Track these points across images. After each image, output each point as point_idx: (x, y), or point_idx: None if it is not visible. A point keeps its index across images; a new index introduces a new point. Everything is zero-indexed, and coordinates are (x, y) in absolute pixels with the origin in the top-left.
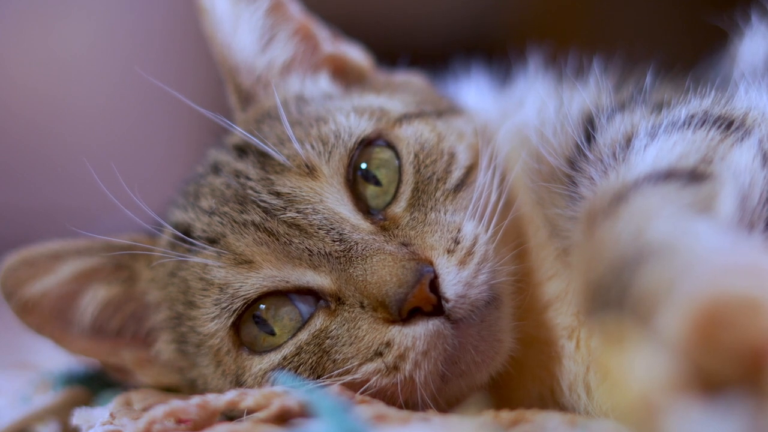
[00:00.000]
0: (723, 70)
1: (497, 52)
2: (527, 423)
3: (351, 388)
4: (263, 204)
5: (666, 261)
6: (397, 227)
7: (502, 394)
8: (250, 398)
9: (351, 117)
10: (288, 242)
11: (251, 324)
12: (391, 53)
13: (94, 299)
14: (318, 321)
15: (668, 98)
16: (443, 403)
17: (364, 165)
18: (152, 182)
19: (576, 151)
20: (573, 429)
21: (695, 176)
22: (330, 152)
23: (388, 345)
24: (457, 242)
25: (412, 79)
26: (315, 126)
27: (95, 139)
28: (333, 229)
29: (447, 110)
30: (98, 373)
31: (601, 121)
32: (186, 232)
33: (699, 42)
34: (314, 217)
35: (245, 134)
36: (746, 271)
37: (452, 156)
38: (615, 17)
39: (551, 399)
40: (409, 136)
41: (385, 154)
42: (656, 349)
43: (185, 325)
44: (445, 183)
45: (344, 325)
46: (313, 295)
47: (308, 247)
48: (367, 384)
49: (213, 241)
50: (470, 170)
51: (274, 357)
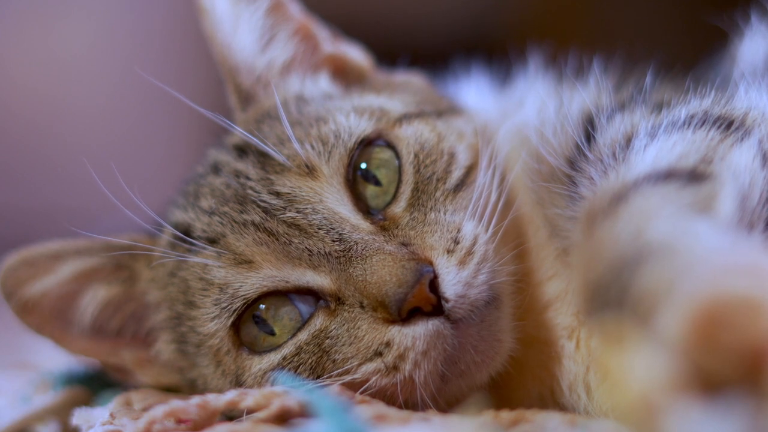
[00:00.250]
0: (723, 70)
1: (497, 52)
2: (527, 423)
3: (351, 388)
4: (263, 204)
5: (666, 261)
6: (397, 227)
7: (502, 394)
8: (250, 398)
9: (351, 117)
10: (288, 242)
11: (251, 324)
12: (391, 53)
13: (94, 299)
14: (318, 321)
15: (668, 98)
16: (443, 403)
17: (364, 165)
18: (152, 182)
19: (576, 151)
20: (573, 429)
21: (695, 176)
22: (330, 152)
23: (388, 345)
24: (457, 242)
25: (412, 79)
26: (315, 126)
27: (95, 139)
28: (333, 229)
29: (447, 110)
30: (98, 373)
31: (601, 121)
32: (186, 232)
33: (699, 42)
34: (314, 217)
35: (245, 134)
36: (746, 271)
37: (452, 156)
38: (615, 17)
39: (551, 399)
40: (409, 136)
41: (385, 154)
42: (656, 349)
43: (185, 325)
44: (445, 183)
45: (344, 325)
46: (313, 295)
47: (308, 247)
48: (367, 384)
49: (213, 241)
50: (470, 170)
51: (274, 357)
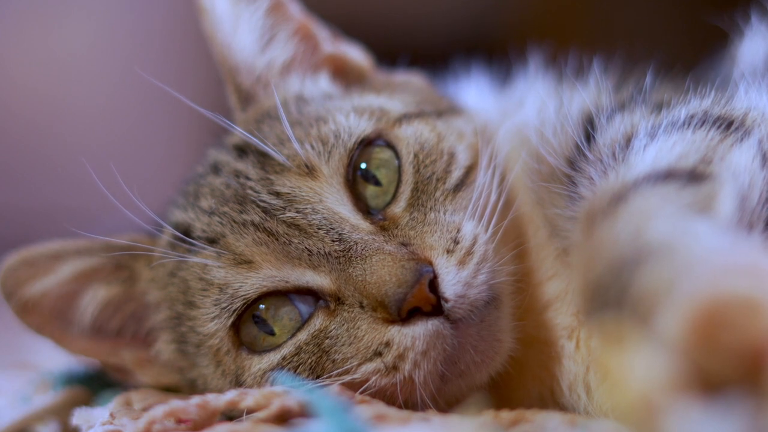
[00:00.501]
0: (723, 71)
1: (497, 52)
2: (527, 423)
3: (350, 388)
4: (263, 204)
5: (665, 261)
6: (397, 227)
7: (502, 394)
8: (250, 398)
9: (351, 117)
10: (287, 242)
11: (251, 324)
12: (391, 53)
13: (94, 299)
14: (317, 321)
15: (668, 98)
16: (443, 403)
17: (364, 165)
18: (152, 182)
19: (576, 151)
20: (573, 429)
21: (695, 176)
22: (330, 152)
23: (388, 345)
24: (457, 242)
25: (412, 79)
26: (315, 126)
27: (95, 139)
28: (332, 229)
29: (447, 110)
30: (98, 373)
31: (601, 121)
32: (186, 233)
33: (699, 42)
34: (313, 217)
35: (245, 134)
36: (746, 271)
37: (452, 156)
38: (615, 17)
39: (551, 399)
40: (409, 136)
41: (385, 154)
42: (656, 349)
43: (185, 325)
44: (445, 183)
45: (343, 325)
46: (313, 295)
47: (308, 247)
48: (367, 384)
49: (213, 241)
50: (470, 170)
51: (274, 357)
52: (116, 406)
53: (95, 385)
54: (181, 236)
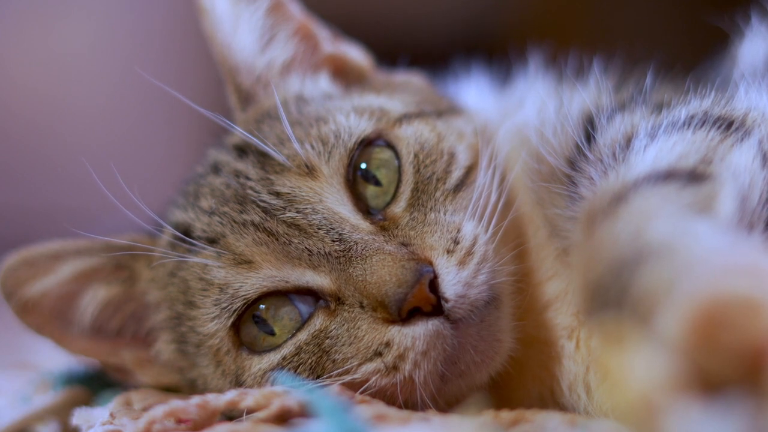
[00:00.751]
0: (723, 71)
1: (497, 52)
2: (527, 423)
3: (351, 388)
4: (263, 204)
5: (665, 261)
6: (397, 227)
7: (502, 394)
8: (250, 398)
9: (351, 117)
10: (287, 242)
11: (251, 324)
12: (391, 53)
13: (94, 299)
14: (317, 321)
15: (668, 99)
16: (443, 403)
17: (364, 165)
18: (152, 182)
19: (576, 151)
20: (573, 429)
21: (695, 177)
22: (330, 152)
23: (388, 345)
24: (457, 242)
25: (412, 79)
26: (315, 126)
27: (95, 139)
28: (332, 229)
29: (447, 110)
30: (98, 373)
31: (601, 122)
32: (186, 233)
33: (699, 42)
34: (314, 217)
35: (245, 134)
36: (746, 272)
37: (452, 156)
38: (615, 17)
39: (551, 399)
40: (409, 136)
41: (385, 154)
42: (656, 349)
43: (185, 325)
44: (445, 183)
45: (344, 325)
46: (313, 295)
47: (308, 247)
48: (367, 384)
49: (213, 241)
50: (470, 170)
51: (274, 357)
52: (116, 406)
53: (95, 385)
54: (181, 236)
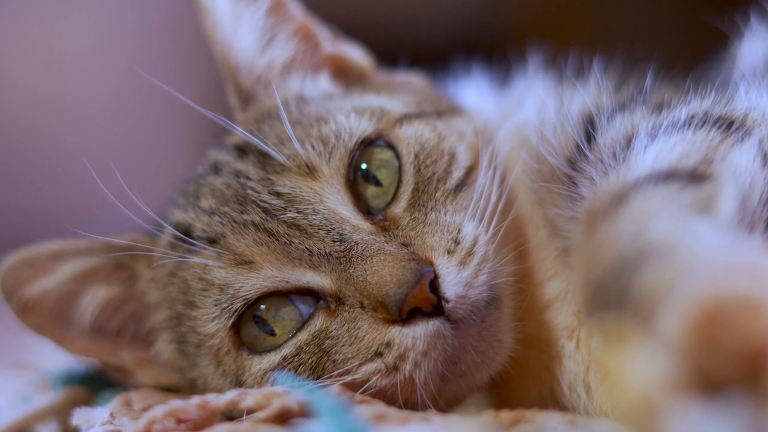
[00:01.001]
0: (723, 71)
1: (497, 52)
2: (527, 423)
3: (351, 389)
4: (263, 204)
5: (666, 261)
6: (397, 227)
7: (502, 394)
8: (250, 398)
9: (351, 117)
10: (288, 242)
11: (251, 324)
12: (391, 53)
13: (94, 299)
14: (318, 321)
15: (668, 99)
16: (443, 403)
17: (365, 165)
18: (152, 182)
19: (576, 151)
20: (573, 429)
21: (695, 177)
22: (330, 152)
23: (388, 345)
24: (458, 243)
25: (413, 79)
26: (315, 126)
27: (95, 139)
28: (333, 230)
29: (447, 110)
30: (98, 373)
31: (602, 122)
32: (186, 233)
33: (699, 42)
34: (314, 218)
35: (245, 134)
36: (746, 272)
37: (452, 156)
38: (615, 17)
39: (551, 399)
40: (410, 137)
41: (386, 155)
42: (656, 349)
43: (185, 325)
44: (446, 183)
45: (344, 326)
46: (313, 296)
47: (308, 248)
48: (367, 384)
49: (213, 242)
50: (470, 170)
51: (274, 357)
52: (116, 406)
53: (95, 385)
54: (182, 236)
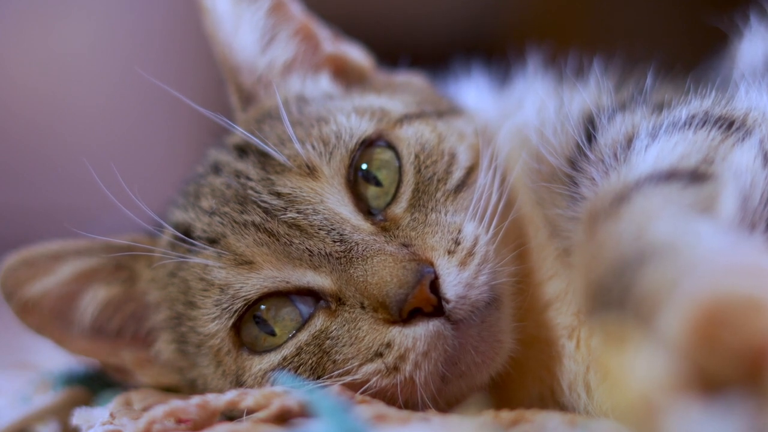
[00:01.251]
0: (723, 71)
1: (497, 52)
2: (527, 423)
3: (351, 389)
4: (264, 204)
5: (667, 261)
6: (398, 228)
7: (502, 394)
8: (250, 398)
9: (352, 117)
10: (288, 243)
11: (251, 324)
12: (391, 53)
13: (94, 299)
14: (318, 321)
15: (669, 99)
16: (443, 404)
17: (365, 165)
18: (152, 182)
19: (577, 151)
20: (573, 429)
21: (696, 176)
22: (331, 153)
23: (389, 346)
24: (458, 243)
25: (413, 80)
26: (316, 126)
27: (95, 139)
28: (333, 230)
29: (447, 111)
30: (98, 373)
31: (602, 121)
32: (186, 233)
33: (699, 42)
34: (315, 218)
35: (246, 134)
36: (747, 272)
37: (453, 157)
38: (615, 17)
39: (551, 398)
40: (410, 137)
41: (386, 155)
42: (657, 349)
43: (185, 325)
44: (446, 184)
45: (344, 326)
46: (313, 296)
47: (309, 248)
48: (367, 384)
49: (213, 242)
50: (471, 171)
51: (274, 357)
52: (116, 406)
53: (95, 385)
54: (182, 236)
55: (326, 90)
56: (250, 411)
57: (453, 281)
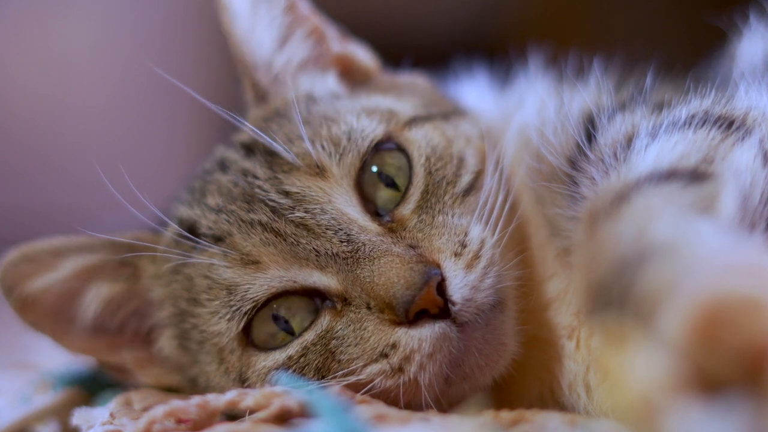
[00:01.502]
0: (723, 70)
1: (497, 52)
2: (527, 423)
3: (354, 389)
4: (271, 203)
5: (667, 261)
6: (405, 229)
7: (502, 394)
8: (251, 398)
9: (362, 119)
10: (295, 243)
11: (268, 322)
12: (392, 53)
13: (97, 297)
14: (324, 321)
15: (668, 98)
16: (446, 405)
17: (375, 168)
18: (152, 182)
19: (577, 151)
20: (573, 429)
21: (696, 176)
22: (341, 154)
23: (394, 347)
24: (465, 245)
25: (417, 80)
26: (325, 126)
27: (96, 139)
28: (341, 230)
29: (452, 112)
30: (98, 373)
31: (602, 121)
32: (191, 229)
33: (699, 42)
34: (322, 218)
35: (256, 131)
36: (747, 272)
37: (461, 160)
38: (615, 17)
39: (551, 398)
40: (420, 139)
41: (396, 157)
42: (657, 349)
43: (188, 322)
44: (455, 187)
45: (350, 326)
46: (320, 296)
47: (315, 248)
48: (371, 385)
49: (219, 240)
50: (478, 175)
51: (279, 356)
52: (116, 406)
53: (95, 386)
54: (186, 234)
55: (333, 90)
56: (251, 411)
57: (459, 283)
